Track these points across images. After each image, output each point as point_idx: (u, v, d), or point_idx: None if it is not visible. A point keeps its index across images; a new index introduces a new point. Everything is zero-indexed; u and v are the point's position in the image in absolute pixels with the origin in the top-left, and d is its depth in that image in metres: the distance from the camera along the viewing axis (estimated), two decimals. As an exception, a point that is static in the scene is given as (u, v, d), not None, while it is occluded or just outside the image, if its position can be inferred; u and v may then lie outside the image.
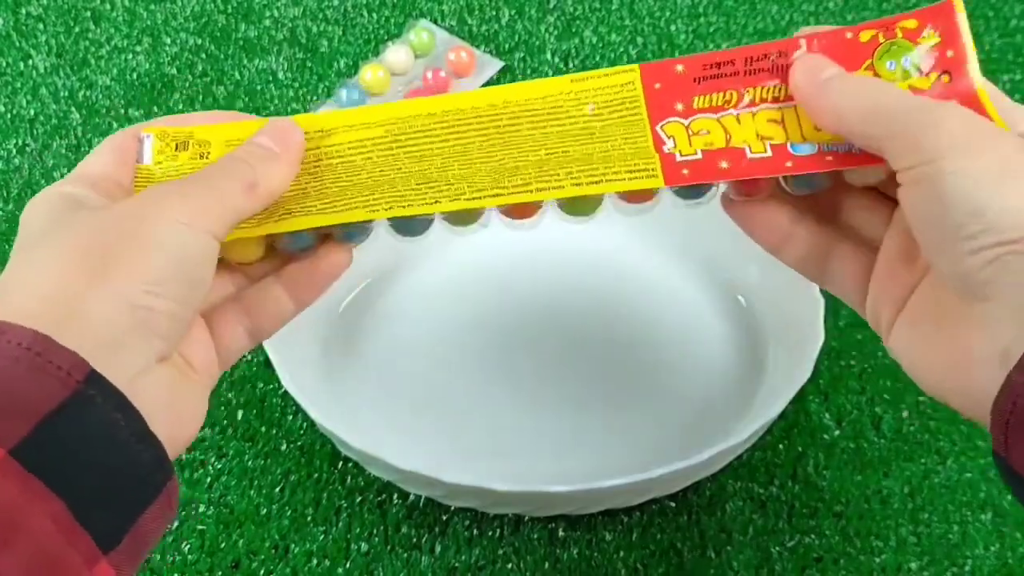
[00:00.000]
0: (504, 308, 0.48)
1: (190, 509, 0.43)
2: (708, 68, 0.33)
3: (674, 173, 0.32)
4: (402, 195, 0.33)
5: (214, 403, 0.46)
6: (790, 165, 0.32)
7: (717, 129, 0.33)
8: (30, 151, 0.57)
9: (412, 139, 0.34)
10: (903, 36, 0.32)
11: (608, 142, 0.33)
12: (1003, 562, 0.41)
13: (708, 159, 0.32)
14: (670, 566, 0.41)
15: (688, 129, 0.33)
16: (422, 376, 0.46)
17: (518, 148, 0.33)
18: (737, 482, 0.43)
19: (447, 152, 0.33)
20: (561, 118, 0.33)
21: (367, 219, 0.33)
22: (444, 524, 0.43)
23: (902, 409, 0.46)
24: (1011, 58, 0.60)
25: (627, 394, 0.45)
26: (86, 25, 0.64)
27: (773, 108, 0.33)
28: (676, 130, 0.33)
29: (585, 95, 0.34)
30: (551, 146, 0.33)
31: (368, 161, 0.34)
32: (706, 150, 0.32)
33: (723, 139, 0.33)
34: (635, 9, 0.64)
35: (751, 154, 0.32)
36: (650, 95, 0.33)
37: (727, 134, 0.33)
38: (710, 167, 0.32)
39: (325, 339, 0.46)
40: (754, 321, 0.46)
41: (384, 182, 0.33)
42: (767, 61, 0.33)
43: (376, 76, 0.58)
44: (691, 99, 0.33)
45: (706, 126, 0.33)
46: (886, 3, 0.64)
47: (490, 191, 0.32)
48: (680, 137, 0.33)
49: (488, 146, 0.33)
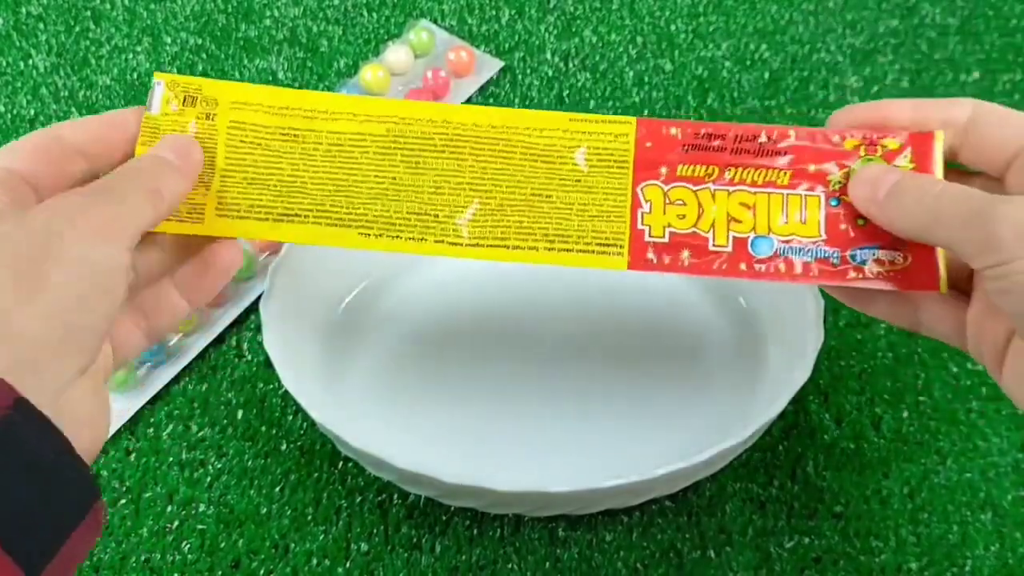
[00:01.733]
0: (504, 308, 0.48)
1: (190, 509, 0.43)
2: (699, 138, 0.35)
3: (640, 256, 0.34)
4: (392, 222, 0.34)
5: (214, 403, 0.46)
6: (743, 268, 0.34)
7: (692, 202, 0.34)
8: (30, 151, 0.57)
9: (410, 144, 0.35)
10: (882, 155, 0.34)
11: (590, 194, 0.35)
12: (1003, 562, 0.41)
13: (674, 244, 0.34)
14: (670, 566, 0.41)
15: (666, 196, 0.35)
16: (422, 376, 0.46)
17: (506, 183, 0.35)
18: (737, 482, 0.43)
19: (441, 167, 0.35)
20: (552, 158, 0.35)
21: (359, 247, 0.34)
22: (444, 524, 0.43)
23: (902, 409, 0.46)
24: (1011, 58, 0.60)
25: (627, 394, 0.45)
26: (86, 25, 0.64)
27: (749, 192, 0.35)
28: (655, 194, 0.35)
29: (580, 137, 0.35)
30: (537, 186, 0.35)
31: (365, 157, 0.35)
32: (674, 232, 0.34)
33: (695, 214, 0.34)
34: (635, 9, 0.64)
35: (713, 245, 0.34)
36: (640, 152, 0.35)
37: (700, 209, 0.34)
38: (674, 257, 0.34)
39: (325, 339, 0.46)
40: (754, 321, 0.46)
41: (379, 192, 0.35)
42: (755, 143, 0.35)
43: (376, 76, 0.58)
44: (676, 166, 0.35)
45: (683, 196, 0.35)
46: (885, 3, 0.64)
47: (471, 240, 0.34)
48: (657, 203, 0.35)
49: (480, 171, 0.35)
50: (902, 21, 0.63)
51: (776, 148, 0.35)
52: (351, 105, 0.35)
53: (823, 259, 0.34)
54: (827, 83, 0.60)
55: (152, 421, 0.46)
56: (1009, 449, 0.44)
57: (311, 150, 0.35)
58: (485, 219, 0.34)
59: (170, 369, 0.47)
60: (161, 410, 0.46)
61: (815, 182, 0.34)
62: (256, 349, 0.48)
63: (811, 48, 0.62)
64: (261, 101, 0.35)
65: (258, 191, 0.35)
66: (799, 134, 0.34)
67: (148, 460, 0.45)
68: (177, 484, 0.44)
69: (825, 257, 0.34)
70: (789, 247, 0.34)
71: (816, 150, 0.34)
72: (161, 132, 0.34)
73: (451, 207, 0.35)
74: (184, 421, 0.46)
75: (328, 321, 0.46)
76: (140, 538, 0.42)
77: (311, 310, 0.46)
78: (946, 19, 0.63)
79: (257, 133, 0.35)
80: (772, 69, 0.61)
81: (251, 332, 0.49)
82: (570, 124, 0.35)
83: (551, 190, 0.35)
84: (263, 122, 0.35)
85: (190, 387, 0.47)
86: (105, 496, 0.43)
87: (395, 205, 0.34)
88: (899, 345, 0.48)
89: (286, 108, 0.35)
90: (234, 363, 0.48)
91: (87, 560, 0.42)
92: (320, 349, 0.46)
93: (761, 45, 0.62)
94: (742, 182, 0.34)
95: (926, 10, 0.64)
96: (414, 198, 0.35)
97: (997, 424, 0.45)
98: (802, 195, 0.34)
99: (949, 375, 0.47)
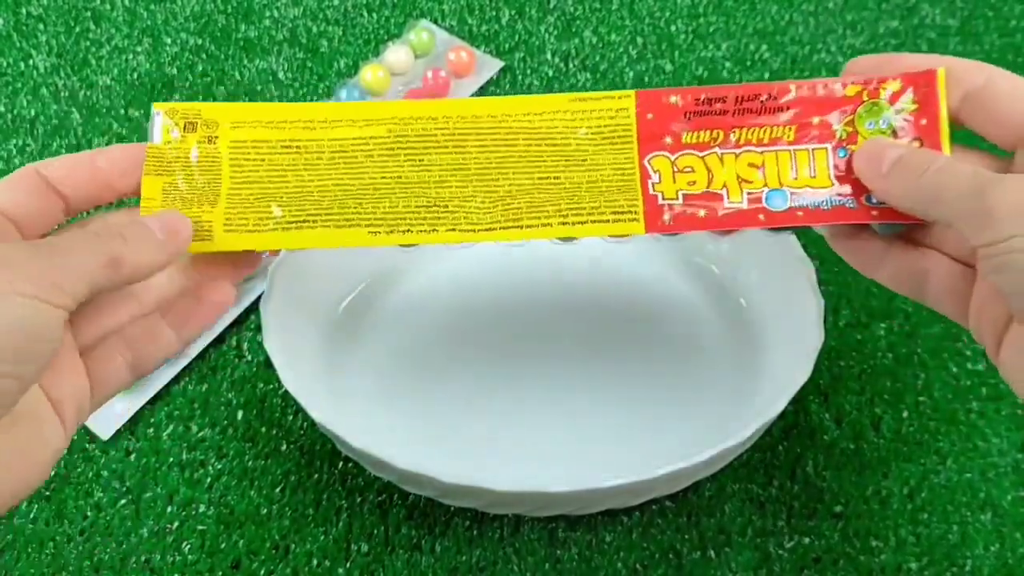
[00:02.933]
0: (505, 308, 0.48)
1: (190, 509, 0.43)
2: (700, 103, 0.35)
3: (655, 219, 0.34)
4: (402, 216, 0.34)
5: (214, 403, 0.46)
6: (762, 218, 0.34)
7: (700, 168, 0.34)
8: (30, 151, 0.57)
9: (413, 143, 0.35)
10: (885, 98, 0.34)
11: (598, 171, 0.34)
12: (1003, 562, 0.41)
13: (688, 204, 0.34)
14: (670, 567, 0.41)
15: (674, 165, 0.34)
16: (422, 376, 0.46)
17: (513, 169, 0.35)
18: (737, 482, 0.43)
19: (446, 163, 0.35)
20: (556, 139, 0.35)
21: (369, 244, 0.34)
22: (444, 525, 0.43)
23: (902, 409, 0.46)
24: (1011, 58, 0.60)
25: (627, 394, 0.45)
26: (86, 25, 0.64)
27: (756, 152, 0.34)
28: (662, 165, 0.34)
29: (582, 116, 0.35)
30: (545, 169, 0.35)
31: (370, 160, 0.35)
32: (687, 194, 0.34)
33: (705, 179, 0.34)
34: (635, 9, 0.64)
35: (728, 202, 0.34)
36: (642, 125, 0.35)
37: (709, 174, 0.34)
38: (689, 215, 0.34)
39: (325, 339, 0.46)
40: (754, 321, 0.46)
41: (385, 191, 0.35)
42: (756, 102, 0.35)
43: (376, 76, 0.58)
44: (680, 134, 0.35)
45: (691, 163, 0.34)
46: (885, 4, 0.64)
47: (484, 224, 0.34)
48: (665, 173, 0.34)
49: (485, 161, 0.35)
50: (902, 22, 0.63)
51: (778, 104, 0.34)
52: (350, 111, 0.35)
53: (839, 206, 0.34)
54: (827, 83, 0.60)
55: (152, 421, 0.46)
56: (1009, 449, 0.44)
57: (314, 159, 0.35)
58: (495, 205, 0.34)
59: (170, 369, 0.47)
60: (161, 410, 0.46)
61: (821, 133, 0.34)
62: (256, 349, 0.48)
63: (811, 49, 0.62)
64: (260, 117, 0.35)
65: (265, 204, 0.34)
66: (800, 87, 0.34)
67: (148, 460, 0.45)
68: (177, 484, 0.44)
69: (840, 204, 0.34)
70: (803, 198, 0.34)
71: (818, 101, 0.34)
72: (166, 161, 0.34)
73: (460, 198, 0.34)
74: (184, 421, 0.46)
75: (328, 321, 0.46)
76: (140, 538, 0.42)
77: (311, 310, 0.46)
78: (946, 20, 0.63)
79: (259, 149, 0.35)
80: (772, 70, 0.61)
81: (251, 332, 0.49)
82: (570, 104, 0.35)
83: (559, 171, 0.34)
84: (264, 137, 0.35)
85: (190, 387, 0.47)
86: (105, 496, 0.44)
87: (403, 201, 0.34)
88: (899, 345, 0.48)
89: (285, 121, 0.35)
90: (234, 363, 0.48)
91: (88, 560, 0.42)
92: (320, 349, 0.46)
93: (761, 46, 0.62)
94: (748, 143, 0.34)
95: (926, 11, 0.64)
96: (421, 193, 0.34)
97: (997, 424, 0.45)
98: (809, 149, 0.34)
99: (949, 375, 0.47)
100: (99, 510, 0.43)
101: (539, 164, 0.35)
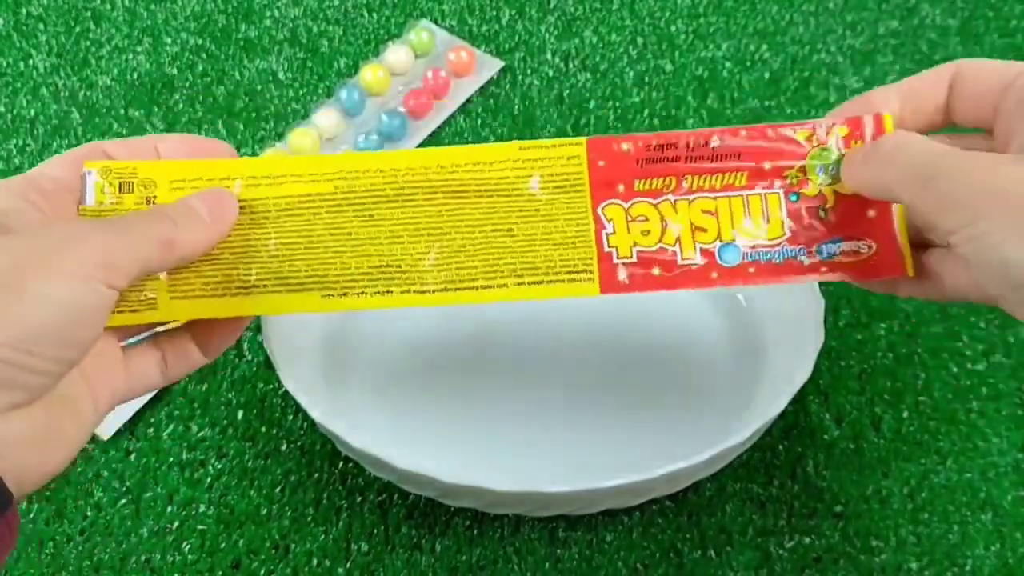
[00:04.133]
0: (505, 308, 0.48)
1: (190, 509, 0.43)
2: (651, 150, 0.34)
3: (611, 278, 0.34)
4: (355, 279, 0.34)
5: (214, 403, 0.46)
6: (715, 276, 0.34)
7: (654, 216, 0.34)
8: (30, 151, 0.57)
9: (361, 198, 0.34)
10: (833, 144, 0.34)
11: (552, 222, 0.34)
12: (1003, 562, 0.41)
13: (643, 263, 0.34)
14: (670, 566, 0.41)
15: (627, 213, 0.34)
16: (422, 376, 0.46)
17: (465, 222, 0.34)
18: (737, 482, 0.43)
19: (396, 217, 0.34)
20: (507, 190, 0.34)
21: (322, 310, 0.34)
22: (445, 524, 0.43)
23: (902, 409, 0.46)
24: (1011, 58, 0.60)
25: (627, 394, 0.45)
26: (86, 25, 0.64)
27: (709, 198, 0.34)
28: (616, 213, 0.34)
29: (532, 164, 0.34)
30: (497, 221, 0.34)
31: (317, 218, 0.34)
32: (641, 250, 0.34)
33: (659, 229, 0.34)
34: (635, 9, 0.64)
35: (681, 260, 0.34)
36: (594, 172, 0.34)
37: (663, 222, 0.34)
38: (645, 275, 0.34)
39: (325, 339, 0.46)
40: (754, 321, 0.46)
41: (336, 250, 0.34)
42: (707, 148, 0.34)
43: (376, 76, 0.58)
44: (632, 181, 0.34)
45: (644, 211, 0.34)
46: (885, 4, 0.64)
47: (439, 285, 0.34)
48: (619, 222, 0.34)
49: (436, 215, 0.34)
50: (902, 22, 0.63)
51: (730, 150, 0.34)
52: (293, 166, 0.34)
53: (791, 259, 0.34)
54: (827, 84, 0.60)
55: (152, 421, 0.46)
56: (1009, 449, 0.44)
57: (260, 219, 0.34)
58: (449, 262, 0.34)
59: (170, 369, 0.47)
60: (161, 410, 0.46)
61: (773, 179, 0.34)
62: (256, 349, 0.48)
63: (811, 49, 0.62)
64: (200, 175, 0.34)
65: (210, 268, 0.34)
66: (751, 133, 0.34)
67: (148, 460, 0.45)
68: (177, 484, 0.44)
69: (792, 256, 0.34)
70: (756, 252, 0.34)
71: (769, 146, 0.34)
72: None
73: (412, 255, 0.34)
74: (184, 421, 0.46)
75: (328, 321, 0.46)
76: (140, 538, 0.42)
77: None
78: (946, 20, 0.63)
79: None
80: (772, 70, 0.61)
81: (251, 332, 0.49)
82: (520, 153, 0.34)
83: (511, 223, 0.34)
84: None
85: (190, 387, 0.47)
86: (105, 496, 0.44)
87: (355, 261, 0.34)
88: (899, 345, 0.48)
89: (227, 178, 0.34)
90: (234, 363, 0.48)
91: (88, 560, 0.42)
92: (320, 349, 0.46)
93: (761, 46, 0.62)
94: (700, 189, 0.34)
95: (926, 11, 0.64)
96: (373, 251, 0.34)
97: (997, 424, 0.45)
98: (761, 194, 0.34)
99: (949, 375, 0.47)
100: (99, 510, 0.43)
101: (491, 216, 0.34)
